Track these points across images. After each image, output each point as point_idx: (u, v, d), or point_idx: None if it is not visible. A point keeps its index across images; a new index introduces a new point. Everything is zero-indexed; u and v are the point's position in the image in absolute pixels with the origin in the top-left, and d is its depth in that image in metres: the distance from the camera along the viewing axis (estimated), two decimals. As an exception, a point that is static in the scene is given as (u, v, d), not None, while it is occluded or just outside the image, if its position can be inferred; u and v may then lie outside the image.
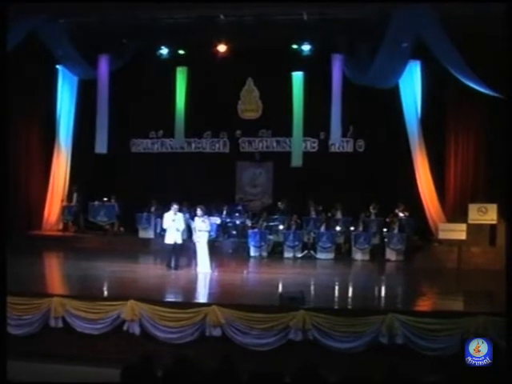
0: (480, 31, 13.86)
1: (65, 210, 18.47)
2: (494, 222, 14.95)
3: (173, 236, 14.05)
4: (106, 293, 11.80)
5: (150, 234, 17.75)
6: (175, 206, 14.19)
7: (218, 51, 16.72)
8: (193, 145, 19.46)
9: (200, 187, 18.04)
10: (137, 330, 10.22)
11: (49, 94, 18.35)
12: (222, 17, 15.66)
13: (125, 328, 10.24)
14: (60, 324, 10.41)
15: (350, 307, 11.11)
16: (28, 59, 16.69)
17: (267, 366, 9.64)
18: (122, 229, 18.46)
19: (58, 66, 17.80)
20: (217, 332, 10.01)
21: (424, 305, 11.77)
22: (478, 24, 13.66)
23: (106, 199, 18.16)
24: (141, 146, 19.74)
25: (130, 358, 8.31)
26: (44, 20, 15.31)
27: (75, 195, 18.58)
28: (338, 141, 17.53)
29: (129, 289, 11.96)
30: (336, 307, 11.01)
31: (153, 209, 17.82)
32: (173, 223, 14.01)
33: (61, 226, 18.62)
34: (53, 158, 18.65)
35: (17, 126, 17.73)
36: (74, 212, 18.43)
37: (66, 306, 10.38)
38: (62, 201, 18.57)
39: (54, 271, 15.37)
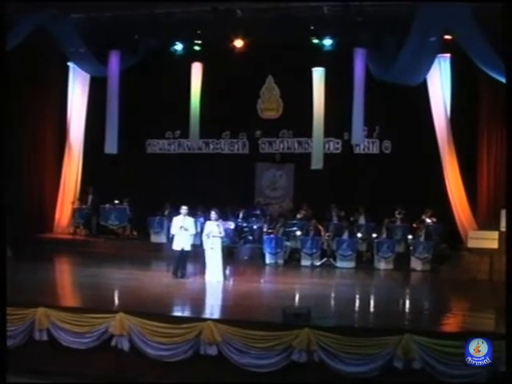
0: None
1: (75, 213, 17.86)
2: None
3: (180, 242, 13.18)
4: (102, 303, 10.88)
5: (163, 239, 17.01)
6: (184, 208, 13.25)
7: (234, 46, 15.94)
8: (211, 145, 18.79)
9: (218, 190, 17.33)
10: (126, 346, 9.39)
11: (60, 92, 17.80)
12: (238, 11, 14.98)
13: (113, 343, 9.43)
14: (45, 337, 9.65)
15: (357, 326, 9.92)
16: (39, 56, 16.18)
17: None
18: (135, 233, 17.78)
19: (69, 63, 17.24)
20: (212, 350, 9.12)
21: (449, 323, 10.53)
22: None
23: (117, 202, 17.49)
24: (157, 146, 19.10)
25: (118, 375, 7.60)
26: (53, 15, 14.80)
27: (90, 197, 17.95)
28: (360, 141, 16.49)
29: (127, 299, 11.23)
30: (350, 324, 9.86)
31: (166, 212, 17.05)
32: (180, 228, 13.14)
33: (72, 230, 18.02)
34: (64, 159, 18.04)
35: (28, 125, 17.27)
36: (85, 215, 17.82)
37: (50, 317, 9.61)
38: (73, 203, 18.01)
39: (57, 278, 14.57)
